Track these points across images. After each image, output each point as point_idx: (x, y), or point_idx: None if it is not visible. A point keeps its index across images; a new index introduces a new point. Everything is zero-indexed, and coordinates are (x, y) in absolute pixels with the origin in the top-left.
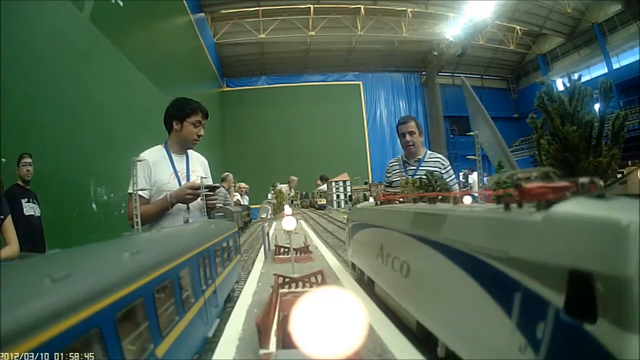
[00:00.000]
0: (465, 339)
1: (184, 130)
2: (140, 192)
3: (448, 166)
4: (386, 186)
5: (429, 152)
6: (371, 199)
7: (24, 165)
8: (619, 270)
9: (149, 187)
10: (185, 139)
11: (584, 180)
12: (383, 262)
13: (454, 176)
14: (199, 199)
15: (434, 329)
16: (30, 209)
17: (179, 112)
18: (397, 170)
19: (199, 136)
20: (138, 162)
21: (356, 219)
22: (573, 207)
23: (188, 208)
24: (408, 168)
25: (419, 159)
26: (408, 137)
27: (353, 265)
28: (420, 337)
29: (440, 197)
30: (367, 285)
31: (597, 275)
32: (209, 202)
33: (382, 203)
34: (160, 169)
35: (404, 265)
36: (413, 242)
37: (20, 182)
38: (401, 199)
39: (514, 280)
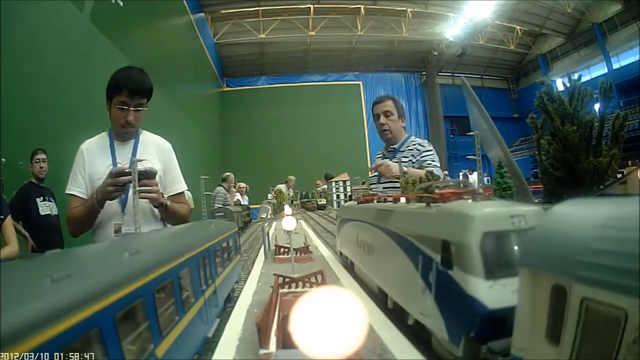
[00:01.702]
0: (398, 289)
1: (111, 113)
2: (73, 191)
3: (425, 150)
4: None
5: (411, 139)
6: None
7: (37, 162)
8: (461, 240)
9: (84, 182)
10: (113, 124)
11: (471, 189)
12: (359, 247)
13: (434, 162)
14: (131, 191)
15: (385, 287)
16: (46, 207)
17: (107, 89)
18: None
19: (127, 122)
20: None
21: (342, 216)
22: (452, 205)
23: (123, 211)
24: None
25: (394, 148)
26: (383, 119)
27: (341, 253)
28: (381, 298)
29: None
30: (350, 267)
31: (452, 243)
32: (141, 194)
33: (361, 202)
34: (95, 159)
35: (370, 247)
36: (375, 230)
37: (33, 180)
38: (377, 200)
39: (419, 248)
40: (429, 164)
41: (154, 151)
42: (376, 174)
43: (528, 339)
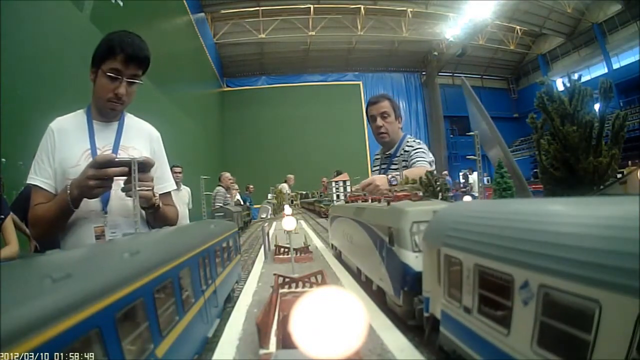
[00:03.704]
0: (367, 265)
1: (96, 84)
2: (37, 181)
3: (413, 150)
4: None
5: (406, 139)
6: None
7: None
8: (399, 226)
9: (52, 170)
10: (97, 97)
11: (416, 192)
12: (344, 238)
13: (422, 159)
14: (120, 186)
15: (359, 265)
16: None
17: (95, 54)
18: (375, 169)
19: (117, 96)
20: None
21: (333, 213)
22: (398, 204)
23: (105, 210)
24: (381, 166)
25: (390, 154)
26: (380, 122)
27: (332, 245)
28: (359, 275)
29: (381, 199)
30: (338, 256)
31: (394, 228)
32: (130, 192)
33: (348, 202)
34: (68, 142)
35: (350, 237)
36: (353, 223)
37: None
38: (362, 200)
39: (378, 234)
40: (416, 161)
41: (142, 138)
42: (376, 169)
43: (429, 285)
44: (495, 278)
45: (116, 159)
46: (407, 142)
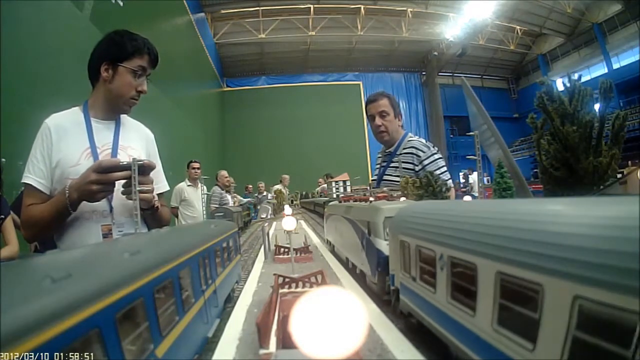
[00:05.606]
0: (352, 254)
1: (117, 81)
2: (31, 180)
3: (427, 157)
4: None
5: (407, 138)
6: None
7: None
8: (375, 220)
9: (47, 169)
10: (117, 95)
11: (393, 194)
12: (336, 233)
13: (442, 167)
14: (121, 190)
15: (347, 255)
16: None
17: (114, 50)
18: (377, 167)
19: (138, 93)
20: (43, 130)
21: (328, 211)
22: (376, 203)
23: (111, 209)
24: (381, 165)
25: (390, 152)
26: (378, 121)
27: (328, 241)
28: (347, 263)
29: (370, 200)
30: (332, 250)
31: (371, 222)
32: (133, 195)
33: (341, 202)
34: (67, 141)
35: (341, 232)
36: (343, 220)
37: None
38: (355, 200)
39: (360, 227)
40: (441, 173)
41: (139, 139)
42: (375, 177)
43: (394, 264)
44: (426, 254)
45: (120, 164)
46: (409, 140)
